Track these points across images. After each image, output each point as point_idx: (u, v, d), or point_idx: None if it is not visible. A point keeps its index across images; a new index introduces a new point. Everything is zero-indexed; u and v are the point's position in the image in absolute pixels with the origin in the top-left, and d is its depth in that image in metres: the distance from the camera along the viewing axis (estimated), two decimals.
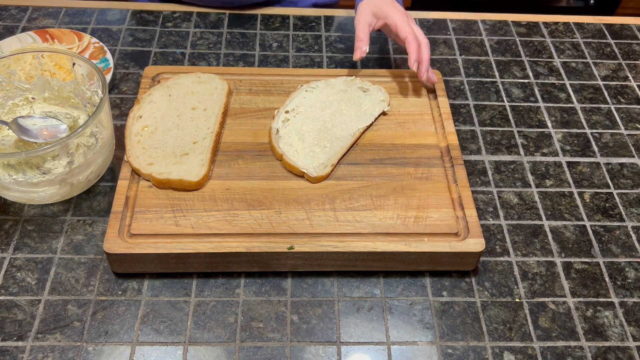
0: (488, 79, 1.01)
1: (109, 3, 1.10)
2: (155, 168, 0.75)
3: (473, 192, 0.83)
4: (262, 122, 0.85)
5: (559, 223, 0.80)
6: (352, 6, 1.16)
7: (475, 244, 0.72)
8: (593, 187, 0.85)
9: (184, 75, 0.89)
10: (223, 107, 0.85)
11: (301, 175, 0.78)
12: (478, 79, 1.00)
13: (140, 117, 0.82)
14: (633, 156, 0.90)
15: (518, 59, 1.05)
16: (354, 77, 0.92)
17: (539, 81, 1.01)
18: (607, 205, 0.83)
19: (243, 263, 0.71)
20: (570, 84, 1.01)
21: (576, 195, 0.84)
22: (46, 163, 0.73)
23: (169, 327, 0.68)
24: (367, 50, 0.91)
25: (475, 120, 0.93)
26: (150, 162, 0.76)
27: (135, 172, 0.76)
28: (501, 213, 0.81)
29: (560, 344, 0.69)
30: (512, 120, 0.94)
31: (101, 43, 0.97)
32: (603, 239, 0.79)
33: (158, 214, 0.73)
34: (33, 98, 0.82)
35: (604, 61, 1.06)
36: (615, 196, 0.84)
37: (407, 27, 0.87)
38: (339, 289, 0.72)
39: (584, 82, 1.02)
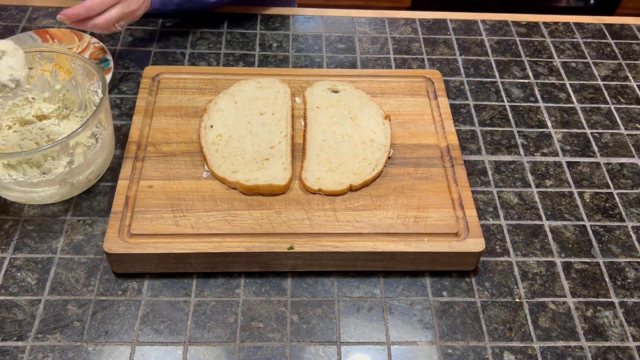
0: (488, 79, 1.01)
1: None
2: (241, 176, 0.75)
3: (473, 192, 0.83)
4: None
5: (559, 223, 0.80)
6: (354, 6, 1.16)
7: (475, 244, 0.72)
8: (593, 187, 0.85)
9: (243, 81, 0.89)
10: (291, 110, 0.86)
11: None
12: (478, 79, 1.00)
13: (212, 126, 0.82)
14: (633, 156, 0.90)
15: (518, 59, 1.05)
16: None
17: (539, 81, 1.01)
18: (607, 205, 0.83)
19: (243, 263, 0.71)
20: (570, 84, 1.01)
21: (576, 195, 0.84)
22: (46, 163, 0.73)
23: (169, 327, 0.68)
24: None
25: (475, 120, 0.93)
26: (234, 170, 0.76)
27: (220, 181, 0.76)
28: (501, 213, 0.81)
29: (560, 344, 0.69)
30: (512, 120, 0.94)
31: (101, 43, 0.96)
32: (603, 239, 0.79)
33: (158, 214, 0.73)
34: (33, 98, 0.82)
35: (604, 61, 1.06)
36: (615, 196, 0.84)
37: None
38: (339, 289, 0.72)
39: (584, 82, 1.02)
